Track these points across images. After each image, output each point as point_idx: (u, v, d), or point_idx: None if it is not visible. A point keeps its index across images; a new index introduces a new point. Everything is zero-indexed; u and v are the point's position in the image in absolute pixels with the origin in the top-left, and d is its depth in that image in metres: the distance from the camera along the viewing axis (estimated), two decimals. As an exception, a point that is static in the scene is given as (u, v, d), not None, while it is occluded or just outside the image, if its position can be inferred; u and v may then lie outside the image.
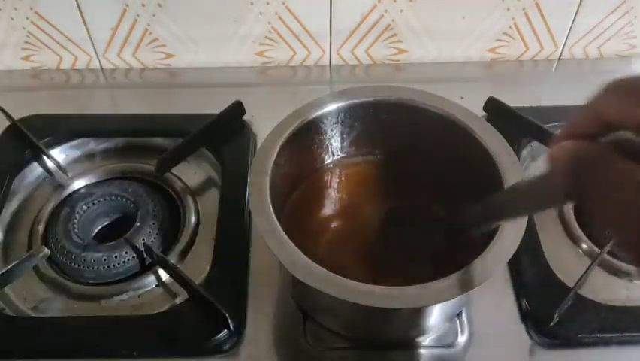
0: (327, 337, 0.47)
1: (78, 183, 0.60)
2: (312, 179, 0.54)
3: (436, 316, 0.46)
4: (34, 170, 0.61)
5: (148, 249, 0.51)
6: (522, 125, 0.59)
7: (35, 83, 0.72)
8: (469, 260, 0.39)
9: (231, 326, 0.46)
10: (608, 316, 0.47)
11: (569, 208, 0.56)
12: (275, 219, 0.42)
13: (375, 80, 0.73)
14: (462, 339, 0.47)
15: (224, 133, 0.61)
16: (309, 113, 0.49)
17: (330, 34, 0.71)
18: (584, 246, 0.54)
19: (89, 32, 0.70)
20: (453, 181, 0.53)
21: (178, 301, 0.50)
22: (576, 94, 0.68)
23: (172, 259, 0.52)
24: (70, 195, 0.59)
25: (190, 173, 0.61)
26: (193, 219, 0.56)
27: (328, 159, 0.55)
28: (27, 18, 0.68)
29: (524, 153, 0.61)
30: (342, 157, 0.55)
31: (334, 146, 0.54)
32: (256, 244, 0.53)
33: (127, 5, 0.67)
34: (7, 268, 0.49)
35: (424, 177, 0.54)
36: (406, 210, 0.51)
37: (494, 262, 0.39)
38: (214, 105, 0.61)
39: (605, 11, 0.70)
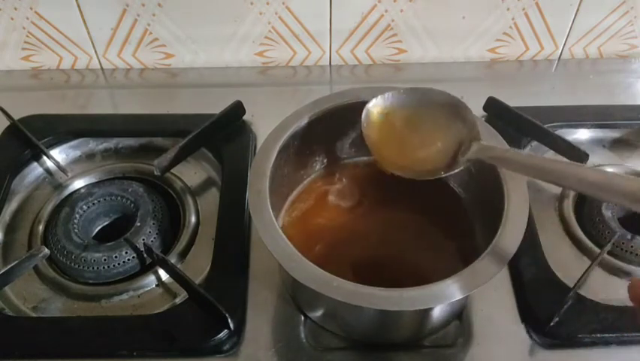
0: (326, 337, 0.47)
1: (78, 183, 0.60)
2: (311, 180, 0.54)
3: (436, 317, 0.46)
4: (34, 170, 0.61)
5: (148, 249, 0.51)
6: (522, 125, 0.59)
7: (35, 83, 0.72)
8: (470, 260, 0.39)
9: (231, 326, 0.46)
10: (608, 316, 0.47)
11: (569, 208, 0.56)
12: (274, 220, 0.42)
13: (375, 80, 0.73)
14: (462, 339, 0.47)
15: (224, 133, 0.61)
16: (309, 113, 0.49)
17: (330, 34, 0.71)
18: (584, 246, 0.53)
19: (89, 32, 0.70)
20: (453, 182, 0.54)
21: (178, 301, 0.50)
22: (576, 94, 0.69)
23: (172, 259, 0.52)
24: (70, 195, 0.59)
25: (190, 173, 0.61)
26: (193, 219, 0.56)
27: (328, 160, 0.55)
28: (27, 18, 0.68)
29: (524, 153, 0.61)
30: (341, 158, 0.55)
31: (334, 147, 0.54)
32: (256, 244, 0.53)
33: (127, 5, 0.67)
34: (7, 268, 0.49)
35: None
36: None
37: (495, 263, 0.39)
38: (214, 105, 0.61)
39: (605, 11, 0.70)
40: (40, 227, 0.55)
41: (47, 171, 0.61)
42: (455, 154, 0.43)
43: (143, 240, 0.52)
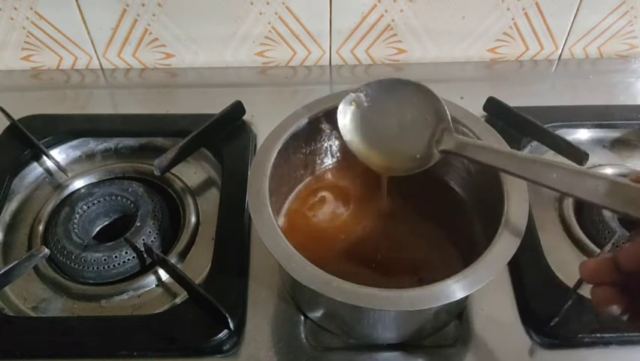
0: (326, 337, 0.47)
1: (78, 183, 0.60)
2: (311, 180, 0.54)
3: (436, 317, 0.46)
4: (34, 170, 0.61)
5: (148, 249, 0.51)
6: (522, 125, 0.59)
7: (35, 83, 0.72)
8: (470, 260, 0.39)
9: (231, 326, 0.46)
10: (608, 316, 0.47)
11: (569, 208, 0.56)
12: (274, 220, 0.42)
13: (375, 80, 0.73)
14: (462, 339, 0.47)
15: (224, 133, 0.61)
16: (308, 114, 0.49)
17: (330, 34, 0.71)
18: (584, 246, 0.53)
19: (89, 32, 0.70)
20: (453, 182, 0.54)
21: (178, 301, 0.50)
22: (576, 94, 0.69)
23: (172, 259, 0.52)
24: (70, 195, 0.59)
25: (190, 173, 0.61)
26: (193, 219, 0.56)
27: (328, 160, 0.55)
28: (27, 18, 0.68)
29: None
30: (341, 158, 0.55)
31: (334, 147, 0.54)
32: (256, 244, 0.53)
33: (127, 5, 0.67)
34: (7, 268, 0.49)
35: (424, 178, 0.54)
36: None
37: (494, 263, 0.39)
38: (214, 105, 0.61)
39: (605, 11, 0.70)
40: (40, 227, 0.55)
41: (47, 171, 0.61)
42: (430, 145, 0.44)
43: (143, 240, 0.52)
